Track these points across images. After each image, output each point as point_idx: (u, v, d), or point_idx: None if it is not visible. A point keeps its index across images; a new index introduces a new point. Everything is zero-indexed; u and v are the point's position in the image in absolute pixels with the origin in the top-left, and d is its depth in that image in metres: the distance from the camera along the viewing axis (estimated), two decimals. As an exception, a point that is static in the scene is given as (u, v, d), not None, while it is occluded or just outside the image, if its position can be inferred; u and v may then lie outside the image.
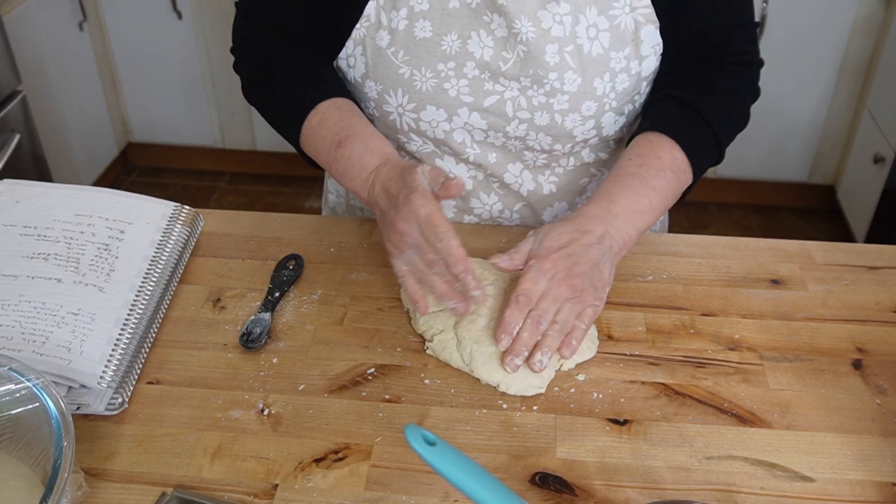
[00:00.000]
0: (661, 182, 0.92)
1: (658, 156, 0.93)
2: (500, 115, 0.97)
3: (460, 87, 0.96)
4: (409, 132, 1.02)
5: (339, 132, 0.94)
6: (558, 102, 0.95)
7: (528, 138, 0.99)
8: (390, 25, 0.95)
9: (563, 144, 1.00)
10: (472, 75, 0.95)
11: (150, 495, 0.73)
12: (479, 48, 0.94)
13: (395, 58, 0.96)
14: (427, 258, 0.83)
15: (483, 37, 0.93)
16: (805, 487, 0.74)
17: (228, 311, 0.93)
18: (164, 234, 0.98)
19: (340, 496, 0.73)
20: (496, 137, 1.00)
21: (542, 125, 0.97)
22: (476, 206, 1.08)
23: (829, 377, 0.85)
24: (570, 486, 0.74)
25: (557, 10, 0.91)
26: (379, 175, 0.90)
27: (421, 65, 0.95)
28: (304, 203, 3.01)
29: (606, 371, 0.86)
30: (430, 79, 0.96)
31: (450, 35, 0.94)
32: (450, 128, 0.99)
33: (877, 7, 2.51)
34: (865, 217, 2.58)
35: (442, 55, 0.94)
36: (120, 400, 0.81)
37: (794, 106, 2.68)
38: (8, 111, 2.21)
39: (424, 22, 0.94)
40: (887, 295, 0.96)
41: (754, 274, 0.99)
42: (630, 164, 0.93)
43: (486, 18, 0.93)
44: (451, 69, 0.95)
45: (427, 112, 0.98)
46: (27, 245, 0.93)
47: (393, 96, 0.98)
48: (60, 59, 2.64)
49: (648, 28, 0.94)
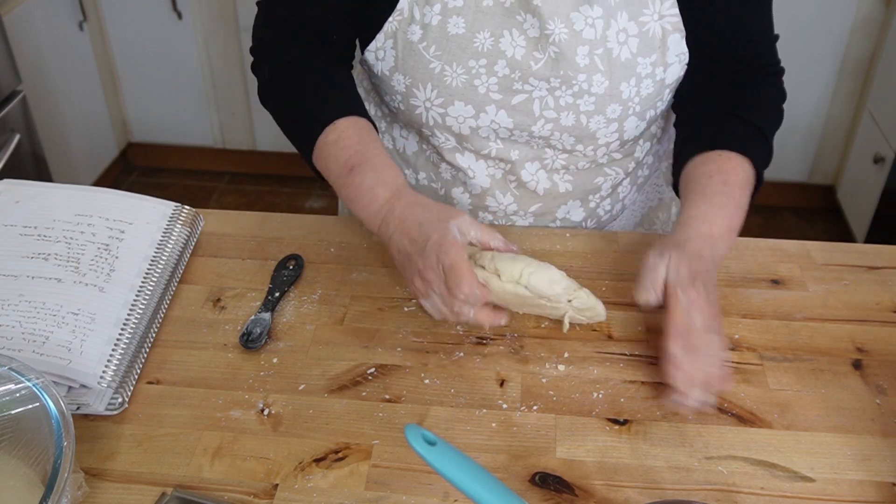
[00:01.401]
0: (745, 199, 0.92)
1: (736, 172, 0.93)
2: (527, 113, 0.98)
3: (490, 85, 0.96)
4: (433, 127, 1.02)
5: (353, 156, 0.91)
6: (585, 104, 0.96)
7: (552, 138, 1.00)
8: (423, 20, 0.95)
9: (584, 146, 1.01)
10: (503, 73, 0.95)
11: (150, 495, 0.73)
12: (511, 47, 0.94)
13: (426, 52, 0.96)
14: (453, 310, 0.81)
15: (515, 36, 0.94)
16: (805, 487, 0.74)
17: (228, 311, 0.93)
18: (165, 234, 0.98)
19: (340, 496, 0.73)
20: (520, 136, 1.01)
21: (567, 125, 0.98)
22: (491, 204, 1.08)
23: (829, 377, 0.85)
24: (570, 486, 0.74)
25: (590, 13, 0.92)
26: (394, 212, 0.86)
27: (452, 61, 0.95)
28: (304, 203, 3.01)
29: (606, 371, 0.86)
30: (460, 75, 0.96)
31: (483, 33, 0.94)
32: (476, 124, 1.00)
33: (877, 7, 2.51)
34: (865, 217, 2.57)
35: (474, 52, 0.95)
36: (120, 400, 0.81)
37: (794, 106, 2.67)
38: (8, 111, 2.21)
39: (458, 18, 0.94)
40: (887, 295, 0.96)
41: (754, 274, 0.99)
42: (714, 182, 0.92)
43: (518, 18, 0.93)
44: (483, 66, 0.95)
45: (455, 108, 0.98)
46: (27, 245, 0.93)
47: (421, 90, 0.98)
48: (60, 59, 2.64)
49: (675, 36, 0.95)
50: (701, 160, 0.95)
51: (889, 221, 2.48)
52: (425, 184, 1.12)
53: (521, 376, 0.85)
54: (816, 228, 2.86)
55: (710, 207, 0.89)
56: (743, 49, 1.00)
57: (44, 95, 2.53)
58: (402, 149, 1.11)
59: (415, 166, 1.11)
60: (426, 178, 1.11)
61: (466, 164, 1.05)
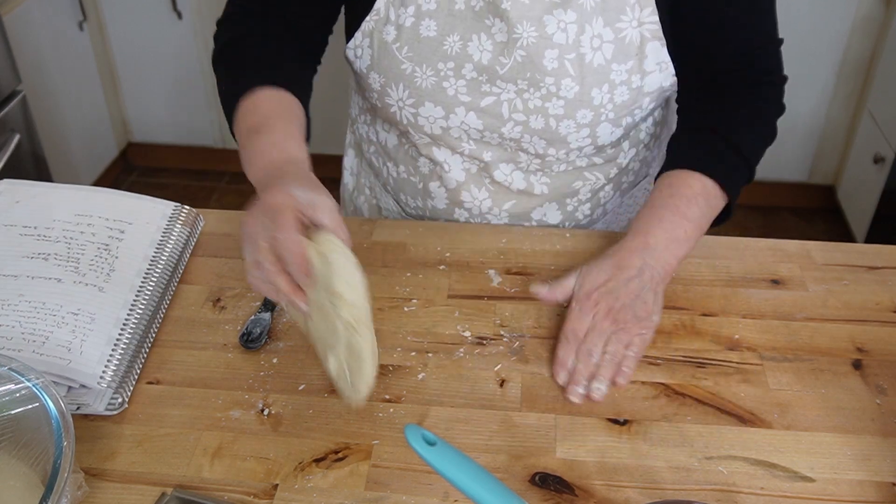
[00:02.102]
0: (694, 210, 0.93)
1: (689, 185, 0.94)
2: (496, 115, 0.98)
3: (458, 87, 0.97)
4: (407, 126, 1.03)
5: (262, 121, 0.90)
6: (553, 107, 0.96)
7: (522, 140, 1.00)
8: (397, 21, 0.96)
9: (556, 150, 1.01)
10: (470, 77, 0.96)
11: (150, 495, 0.73)
12: (479, 51, 0.95)
13: (398, 53, 0.97)
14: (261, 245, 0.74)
15: (483, 40, 0.94)
16: (805, 487, 0.74)
17: (228, 311, 0.93)
18: (164, 234, 0.98)
19: (340, 496, 0.73)
20: (491, 137, 1.01)
21: (536, 128, 0.98)
22: (466, 199, 1.09)
23: (829, 377, 0.85)
24: (570, 486, 0.74)
25: (563, 17, 0.92)
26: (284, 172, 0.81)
27: (423, 62, 0.96)
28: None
29: (606, 371, 0.86)
30: (430, 76, 0.97)
31: (452, 36, 0.95)
32: (447, 125, 1.00)
33: (877, 7, 2.51)
34: (865, 217, 2.57)
35: (443, 55, 0.96)
36: (120, 400, 0.81)
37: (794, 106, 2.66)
38: (8, 111, 2.21)
39: (430, 21, 0.95)
40: (887, 295, 0.96)
41: (754, 274, 0.99)
42: (662, 195, 0.94)
43: (487, 22, 0.94)
44: (451, 69, 0.96)
45: (426, 108, 0.99)
46: (27, 245, 0.93)
47: (394, 90, 0.99)
48: (60, 59, 2.64)
49: (654, 44, 0.94)
50: (664, 175, 0.97)
51: (889, 221, 2.47)
52: (405, 177, 1.12)
53: (521, 376, 0.85)
54: (816, 228, 2.86)
55: (649, 219, 0.93)
56: (731, 59, 0.98)
57: (44, 95, 2.53)
58: (384, 142, 1.12)
59: (395, 159, 1.12)
60: (405, 172, 1.12)
61: (442, 157, 1.06)
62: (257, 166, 0.86)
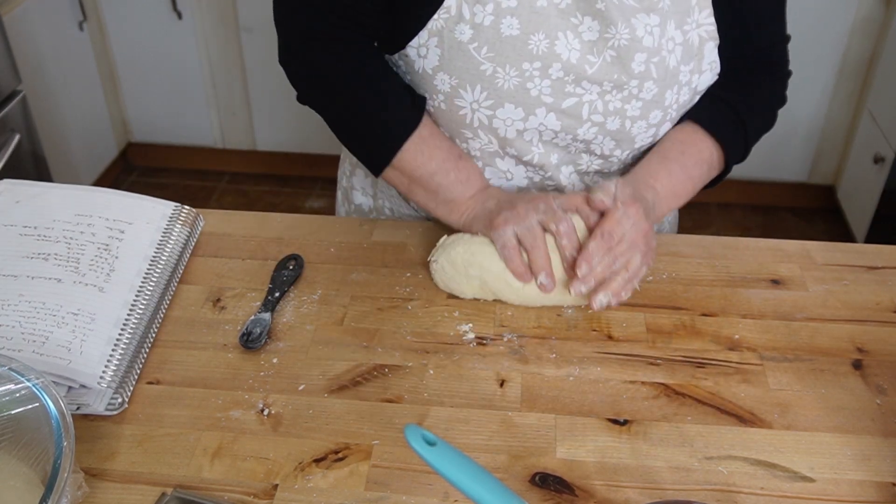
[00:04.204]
0: (698, 172, 0.99)
1: (699, 148, 0.99)
2: (576, 117, 0.96)
3: (542, 88, 0.94)
4: (478, 128, 0.99)
5: (454, 147, 1.00)
6: (631, 109, 0.96)
7: (593, 142, 0.99)
8: (473, 20, 0.92)
9: (622, 150, 1.01)
10: (557, 76, 0.93)
11: (150, 495, 0.73)
12: (567, 50, 0.92)
13: (477, 53, 0.93)
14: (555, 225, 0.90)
15: (570, 38, 0.92)
16: (805, 487, 0.74)
17: (228, 311, 0.93)
18: (164, 234, 0.98)
19: (340, 496, 0.73)
20: (563, 139, 0.99)
21: (611, 129, 0.97)
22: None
23: (829, 377, 0.85)
24: (570, 486, 0.74)
25: (648, 21, 0.92)
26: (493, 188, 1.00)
27: (506, 63, 0.93)
28: (304, 203, 3.01)
29: (606, 371, 0.86)
30: (513, 77, 0.93)
31: (537, 34, 0.92)
32: (524, 126, 0.97)
33: (877, 7, 2.51)
34: (865, 217, 2.57)
35: (528, 54, 0.92)
36: (120, 400, 0.81)
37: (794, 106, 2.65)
38: (8, 111, 2.21)
39: (512, 19, 0.91)
40: (887, 295, 0.96)
41: (754, 274, 0.99)
42: (673, 148, 0.98)
43: (574, 20, 0.92)
44: (537, 69, 0.93)
45: (504, 110, 0.96)
46: (27, 245, 0.93)
47: (469, 91, 0.95)
48: (60, 59, 2.64)
49: (710, 45, 0.96)
50: (678, 128, 1.00)
51: (889, 221, 2.48)
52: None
53: (521, 376, 0.85)
54: (816, 228, 2.86)
55: (660, 168, 0.98)
56: (762, 52, 1.03)
57: (44, 95, 2.53)
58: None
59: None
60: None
61: (507, 167, 1.04)
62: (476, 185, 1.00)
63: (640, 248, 0.89)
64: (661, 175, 0.97)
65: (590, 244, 0.88)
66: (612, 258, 0.88)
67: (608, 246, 0.88)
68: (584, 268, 0.87)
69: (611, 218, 0.89)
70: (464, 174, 0.99)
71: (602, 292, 0.88)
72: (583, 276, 0.88)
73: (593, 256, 0.88)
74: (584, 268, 0.87)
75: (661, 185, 0.96)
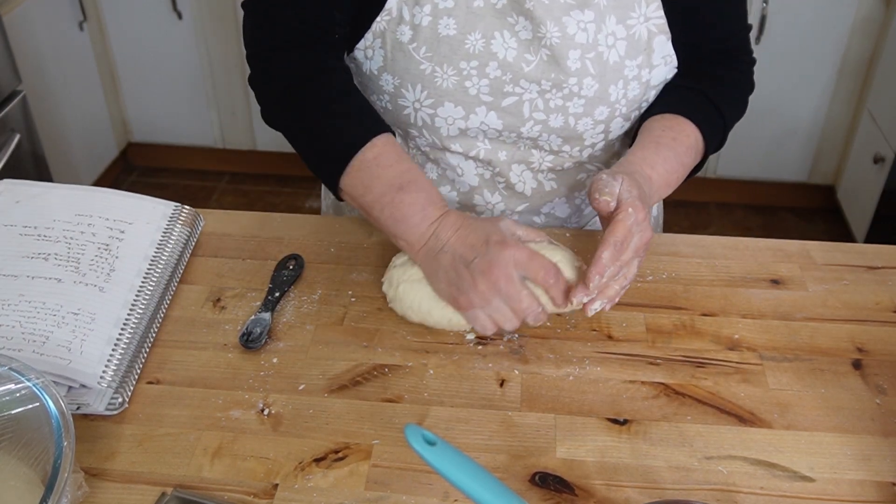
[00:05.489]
0: (688, 159, 0.97)
1: (686, 134, 0.97)
2: (517, 115, 0.98)
3: (481, 87, 0.96)
4: (421, 127, 1.01)
5: (402, 175, 0.89)
6: (574, 106, 0.96)
7: (539, 139, 1.00)
8: (413, 21, 0.94)
9: (571, 147, 1.02)
10: (494, 75, 0.95)
11: (150, 495, 0.73)
12: (503, 49, 0.94)
13: (416, 53, 0.95)
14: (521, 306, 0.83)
15: (507, 37, 0.93)
16: (805, 487, 0.74)
17: (228, 311, 0.93)
18: (165, 234, 0.98)
19: (340, 496, 0.73)
20: (509, 137, 1.01)
21: (555, 127, 0.98)
22: (479, 203, 1.08)
23: (829, 377, 0.85)
24: (570, 485, 0.74)
25: (582, 17, 0.92)
26: (445, 225, 0.87)
27: (443, 62, 0.95)
28: (304, 203, 3.01)
29: (606, 371, 0.86)
30: (451, 76, 0.95)
31: (474, 34, 0.94)
32: (465, 125, 0.99)
33: (877, 7, 2.51)
34: (865, 217, 2.57)
35: (465, 53, 0.94)
36: (120, 400, 0.81)
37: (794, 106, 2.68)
38: (8, 111, 2.21)
39: (449, 19, 0.93)
40: (887, 295, 0.96)
41: (754, 274, 0.99)
42: (665, 135, 0.97)
43: (510, 20, 0.93)
44: (474, 68, 0.95)
45: (444, 108, 0.98)
46: (27, 245, 0.93)
47: (410, 91, 0.97)
48: (60, 59, 2.64)
49: (660, 38, 0.96)
50: (659, 117, 0.99)
51: (889, 221, 2.48)
52: None
53: (521, 376, 0.85)
54: (816, 228, 2.86)
55: (656, 156, 0.95)
56: (720, 42, 1.02)
57: (44, 95, 2.53)
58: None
59: None
60: None
61: (455, 162, 1.05)
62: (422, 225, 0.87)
63: (640, 254, 0.86)
64: (657, 163, 0.94)
65: (603, 254, 0.82)
66: (618, 267, 0.84)
67: (619, 255, 0.84)
68: (596, 280, 0.82)
69: (622, 226, 0.84)
70: (399, 211, 0.88)
71: (598, 300, 0.84)
72: (594, 287, 0.83)
73: (606, 268, 0.83)
74: (596, 280, 0.82)
75: (657, 174, 0.93)
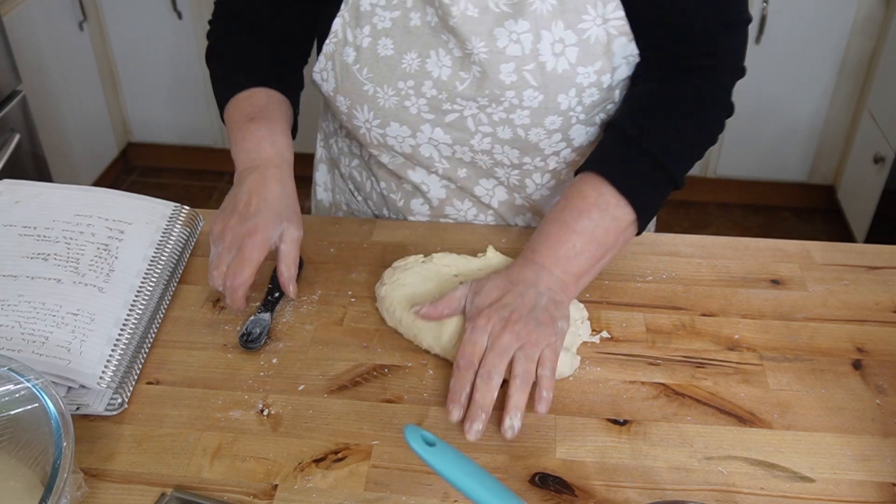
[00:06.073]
0: (586, 223, 0.87)
1: (583, 195, 0.88)
2: (463, 129, 0.96)
3: (420, 105, 0.95)
4: (378, 146, 1.02)
5: (258, 112, 0.96)
6: (519, 118, 0.94)
7: (494, 152, 0.98)
8: (355, 42, 0.95)
9: (532, 157, 0.99)
10: (431, 94, 0.94)
11: (150, 495, 0.73)
12: (438, 67, 0.93)
13: (359, 74, 0.96)
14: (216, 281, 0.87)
15: (441, 56, 0.92)
16: (805, 487, 0.74)
17: (228, 311, 0.93)
18: (164, 235, 0.98)
19: (340, 496, 0.73)
20: (463, 152, 0.99)
21: (505, 139, 0.96)
22: (451, 212, 1.09)
23: (829, 377, 0.85)
24: (569, 486, 0.74)
25: (515, 28, 0.88)
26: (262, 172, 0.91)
27: (383, 82, 0.95)
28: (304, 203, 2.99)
29: (606, 371, 0.86)
30: (391, 96, 0.95)
31: (410, 53, 0.93)
32: (415, 143, 0.99)
33: (877, 7, 2.51)
34: (865, 217, 2.58)
35: (402, 73, 0.94)
36: (119, 400, 0.81)
37: (794, 106, 2.68)
38: (8, 111, 2.21)
39: (386, 40, 0.93)
40: (887, 295, 0.96)
41: (754, 274, 0.99)
42: (556, 209, 0.90)
43: (443, 38, 0.92)
44: (411, 87, 0.94)
45: (392, 128, 0.98)
46: (27, 245, 0.93)
47: (360, 112, 0.98)
48: (60, 59, 2.64)
49: (621, 40, 0.90)
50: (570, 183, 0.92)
51: (889, 221, 2.48)
52: (385, 193, 1.11)
53: (520, 376, 0.85)
54: (816, 228, 2.86)
55: (537, 237, 0.89)
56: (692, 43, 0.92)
57: (44, 95, 2.54)
58: (368, 158, 1.10)
59: (377, 176, 1.10)
60: (387, 189, 1.10)
61: (419, 178, 1.05)
62: (248, 154, 0.94)
63: (512, 345, 0.78)
64: (540, 244, 0.87)
65: (451, 382, 0.78)
66: (487, 376, 0.77)
67: (472, 373, 0.78)
68: (454, 410, 0.77)
69: (462, 343, 0.80)
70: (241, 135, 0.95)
71: (508, 419, 0.76)
72: (457, 418, 0.77)
73: (459, 392, 0.77)
74: (454, 410, 0.77)
75: (542, 256, 0.86)
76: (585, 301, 0.93)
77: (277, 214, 0.88)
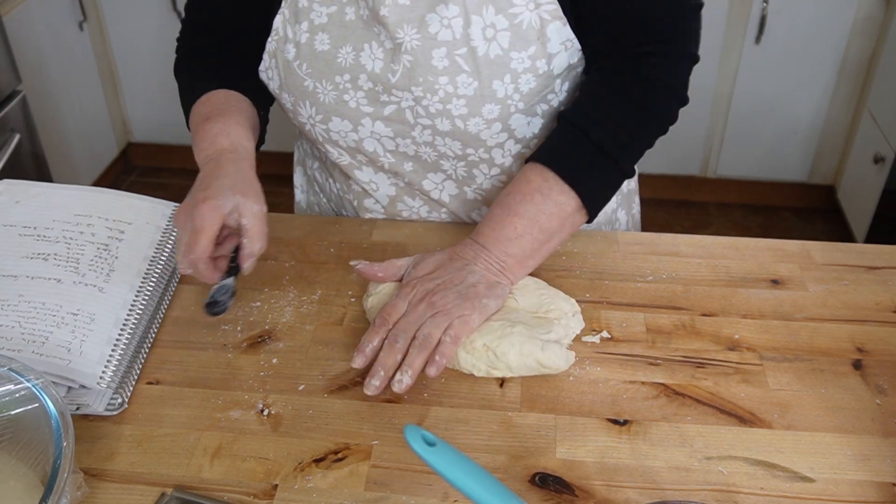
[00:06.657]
0: (528, 207, 0.89)
1: (528, 180, 0.90)
2: (402, 121, 0.96)
3: (359, 99, 0.96)
4: (323, 143, 1.02)
5: (214, 110, 0.96)
6: (456, 108, 0.93)
7: (436, 144, 0.98)
8: (295, 38, 0.95)
9: (475, 149, 0.98)
10: (367, 87, 0.95)
11: (150, 495, 0.73)
12: (371, 60, 0.93)
13: (299, 70, 0.96)
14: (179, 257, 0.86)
15: (374, 48, 0.93)
16: (805, 487, 0.74)
17: (228, 312, 0.93)
18: (164, 235, 0.98)
19: (340, 496, 0.73)
20: (406, 145, 0.99)
21: (445, 130, 0.95)
22: (403, 209, 1.09)
23: (829, 377, 0.85)
24: (569, 486, 0.74)
25: (446, 13, 0.89)
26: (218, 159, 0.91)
27: (322, 77, 0.95)
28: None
29: (606, 371, 0.86)
30: (330, 91, 0.96)
31: (345, 47, 0.93)
32: (358, 137, 0.99)
33: (877, 7, 2.51)
34: (865, 217, 2.57)
35: (338, 68, 0.94)
36: (119, 400, 0.81)
37: (794, 106, 2.68)
38: (8, 111, 2.21)
39: (323, 35, 0.94)
40: (887, 295, 0.96)
41: (754, 274, 0.99)
42: (502, 193, 0.92)
43: (375, 30, 0.92)
44: (348, 81, 0.95)
45: (334, 123, 0.98)
46: (27, 245, 0.93)
47: (303, 108, 0.99)
48: (60, 59, 2.64)
49: (555, 24, 0.90)
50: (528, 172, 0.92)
51: (889, 221, 2.48)
52: (340, 194, 1.12)
53: (520, 377, 0.85)
54: (816, 228, 2.86)
55: (483, 219, 0.92)
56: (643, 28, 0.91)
57: (44, 95, 2.54)
58: (325, 159, 1.11)
59: (333, 176, 1.11)
60: (340, 189, 1.11)
61: (367, 178, 1.05)
62: (204, 151, 0.93)
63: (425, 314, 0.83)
64: (482, 226, 0.90)
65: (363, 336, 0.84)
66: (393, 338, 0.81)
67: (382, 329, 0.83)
68: (357, 358, 0.82)
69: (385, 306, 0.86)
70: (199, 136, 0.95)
71: (398, 373, 0.80)
72: (359, 365, 0.82)
73: (365, 343, 0.83)
74: (357, 358, 0.82)
75: (483, 237, 0.89)
76: (585, 301, 0.93)
77: (229, 187, 0.87)
